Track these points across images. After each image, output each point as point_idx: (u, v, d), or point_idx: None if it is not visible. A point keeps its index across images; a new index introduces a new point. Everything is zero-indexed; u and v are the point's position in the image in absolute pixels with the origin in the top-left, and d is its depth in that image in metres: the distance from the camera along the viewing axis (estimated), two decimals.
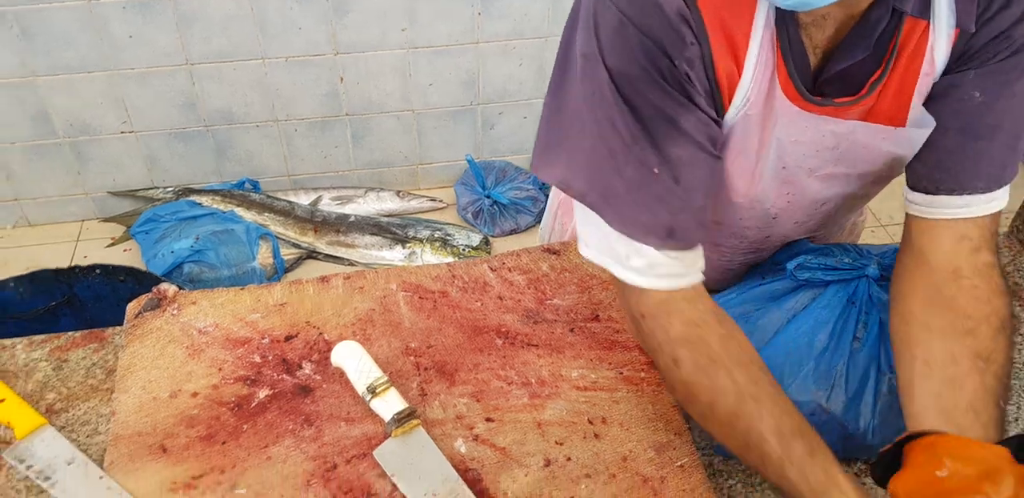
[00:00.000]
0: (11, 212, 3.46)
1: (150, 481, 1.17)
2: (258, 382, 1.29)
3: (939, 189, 1.15)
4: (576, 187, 1.14)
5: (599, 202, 1.13)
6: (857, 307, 1.23)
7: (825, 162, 1.21)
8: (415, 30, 3.18)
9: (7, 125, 3.19)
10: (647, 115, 1.08)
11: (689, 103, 1.08)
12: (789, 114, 1.13)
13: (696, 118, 1.09)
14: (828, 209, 1.33)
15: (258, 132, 3.38)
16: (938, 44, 1.11)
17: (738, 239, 1.39)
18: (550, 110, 1.17)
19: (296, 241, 3.37)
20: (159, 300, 1.41)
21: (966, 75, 1.12)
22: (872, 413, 1.18)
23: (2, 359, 1.38)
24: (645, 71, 1.06)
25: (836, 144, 1.18)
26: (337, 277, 1.46)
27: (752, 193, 1.25)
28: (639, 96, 1.07)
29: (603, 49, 1.07)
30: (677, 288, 1.14)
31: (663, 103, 1.07)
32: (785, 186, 1.25)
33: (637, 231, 1.12)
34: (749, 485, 1.23)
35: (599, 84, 1.08)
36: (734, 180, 1.22)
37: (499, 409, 1.26)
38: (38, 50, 3.01)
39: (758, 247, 1.42)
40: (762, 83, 1.11)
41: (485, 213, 3.45)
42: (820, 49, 1.12)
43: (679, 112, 1.08)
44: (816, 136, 1.17)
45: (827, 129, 1.16)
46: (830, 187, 1.27)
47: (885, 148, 1.19)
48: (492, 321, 1.39)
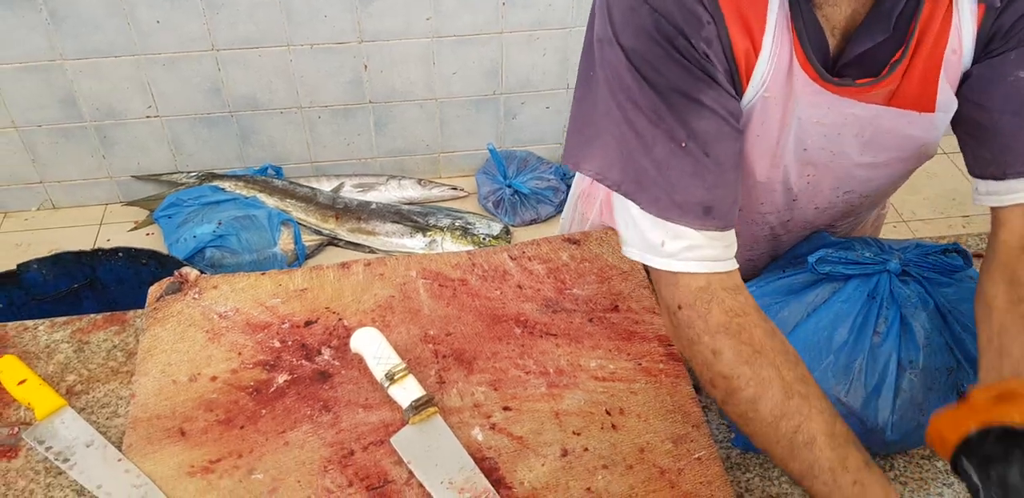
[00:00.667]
0: (36, 195, 3.48)
1: (168, 464, 1.17)
2: (277, 367, 1.30)
3: (1007, 173, 1.14)
4: (611, 177, 1.15)
5: (634, 189, 1.13)
6: (878, 302, 1.22)
7: (850, 148, 1.21)
8: (439, 19, 3.18)
9: (34, 108, 3.21)
10: (667, 92, 1.08)
11: (710, 80, 1.08)
12: (809, 93, 1.13)
13: (717, 94, 1.09)
14: (851, 198, 1.32)
15: (282, 118, 3.39)
16: (964, 23, 1.11)
17: (758, 226, 1.38)
18: (578, 104, 1.17)
19: (317, 227, 3.38)
20: (181, 284, 1.41)
21: (1006, 57, 1.11)
22: (891, 408, 1.17)
23: (24, 340, 1.39)
24: (662, 48, 1.06)
25: (860, 130, 1.18)
26: (358, 263, 1.46)
27: (773, 174, 1.25)
28: (657, 73, 1.07)
29: (617, 30, 1.07)
30: (715, 272, 1.13)
31: (682, 80, 1.07)
32: (807, 167, 1.25)
33: (673, 212, 1.12)
34: (766, 479, 1.22)
35: (616, 67, 1.09)
36: (755, 161, 1.22)
37: (517, 398, 1.26)
38: (66, 34, 3.03)
39: (777, 234, 1.41)
40: (780, 63, 1.11)
41: (506, 202, 3.45)
42: (839, 30, 1.11)
43: (700, 88, 1.08)
44: (838, 118, 1.16)
45: (849, 112, 1.16)
46: (853, 174, 1.26)
47: (912, 133, 1.18)
48: (511, 310, 1.39)
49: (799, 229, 1.40)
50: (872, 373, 1.18)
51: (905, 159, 1.25)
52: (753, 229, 1.39)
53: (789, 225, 1.39)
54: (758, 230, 1.39)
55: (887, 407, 1.18)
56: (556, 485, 1.15)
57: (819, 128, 1.18)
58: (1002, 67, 1.11)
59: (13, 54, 3.06)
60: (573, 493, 1.14)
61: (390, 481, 1.15)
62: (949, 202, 3.46)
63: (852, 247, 1.30)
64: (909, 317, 1.21)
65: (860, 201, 1.35)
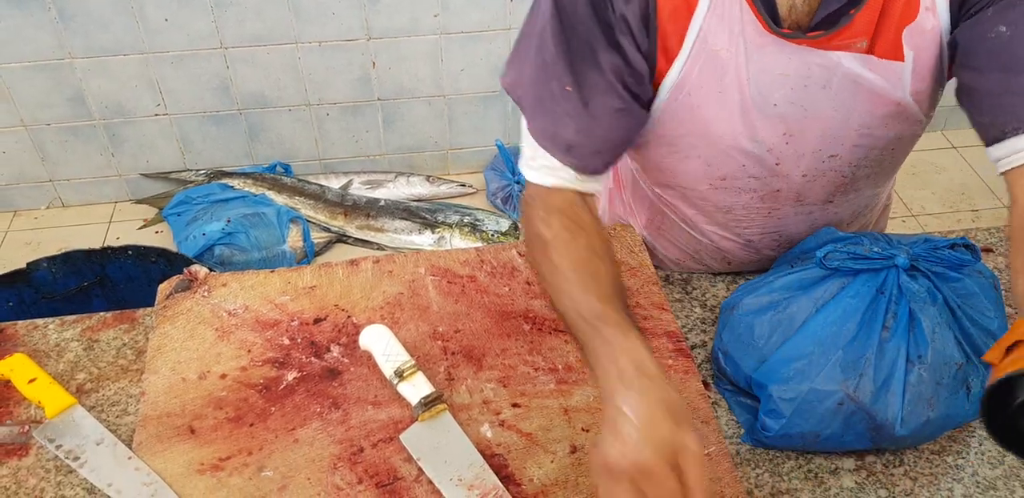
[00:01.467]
0: (45, 193, 3.49)
1: (178, 462, 1.18)
2: (286, 364, 1.30)
3: (1005, 133, 1.12)
4: (517, 92, 1.26)
5: (529, 106, 1.25)
6: (886, 297, 1.22)
7: (821, 102, 1.22)
8: (447, 16, 3.17)
9: (43, 106, 3.22)
10: (574, 38, 1.18)
11: (615, 43, 1.18)
12: (764, 44, 1.17)
13: (613, 57, 1.18)
14: (839, 166, 1.32)
15: (290, 116, 3.39)
16: None
17: (747, 195, 1.38)
18: (525, 21, 1.25)
19: (326, 225, 3.38)
20: (190, 282, 1.42)
21: (984, 15, 1.11)
22: (900, 403, 1.17)
23: (34, 339, 1.40)
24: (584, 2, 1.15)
25: (826, 82, 1.20)
26: (366, 261, 1.46)
27: (747, 132, 1.26)
28: (571, 19, 1.17)
29: None
30: (572, 188, 1.25)
31: (589, 34, 1.17)
32: (781, 124, 1.26)
33: (545, 139, 1.23)
34: (776, 475, 1.22)
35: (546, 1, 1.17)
36: (726, 118, 1.25)
37: (526, 395, 1.26)
38: (75, 32, 3.03)
39: (772, 208, 1.40)
40: (728, 16, 1.16)
41: (515, 199, 3.45)
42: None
43: (601, 47, 1.18)
44: (802, 69, 1.19)
45: (812, 61, 1.18)
46: (833, 135, 1.27)
47: (879, 85, 1.20)
48: (520, 306, 1.39)
49: (792, 203, 1.39)
50: (881, 368, 1.18)
51: (883, 120, 1.25)
52: (743, 199, 1.38)
53: (780, 198, 1.38)
54: (749, 200, 1.38)
55: (896, 402, 1.17)
56: (565, 481, 1.15)
57: (783, 80, 1.20)
58: (981, 26, 1.11)
59: (22, 53, 3.07)
60: (582, 489, 1.14)
61: (399, 478, 1.15)
62: (958, 196, 3.44)
63: (860, 242, 1.29)
64: (918, 312, 1.20)
65: (851, 172, 1.34)
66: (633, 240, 1.50)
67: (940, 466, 1.24)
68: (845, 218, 1.48)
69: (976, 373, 1.21)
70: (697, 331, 1.42)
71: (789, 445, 1.23)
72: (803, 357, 1.19)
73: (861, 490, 1.20)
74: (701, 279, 1.52)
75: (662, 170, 1.40)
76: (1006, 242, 1.59)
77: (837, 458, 1.24)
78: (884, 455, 1.25)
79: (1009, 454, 1.23)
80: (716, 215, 1.43)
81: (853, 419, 1.17)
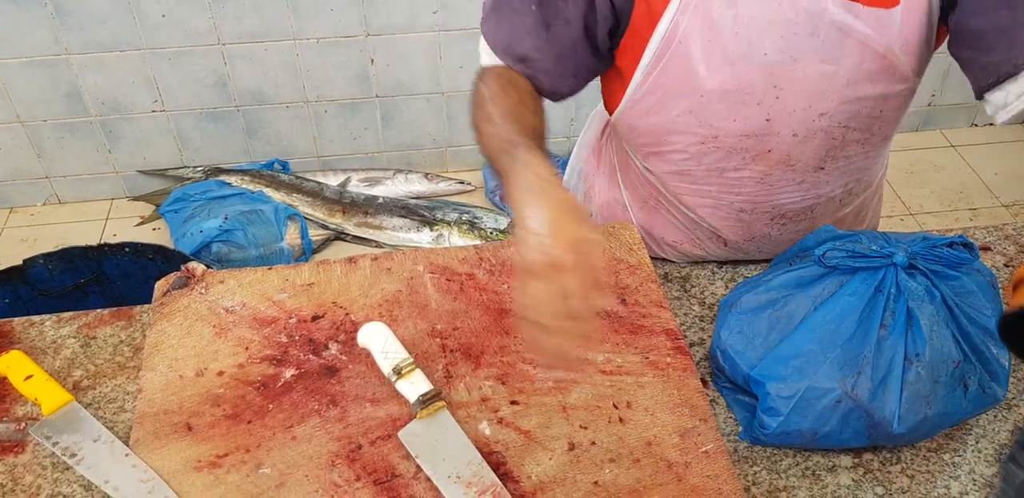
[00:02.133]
0: (42, 190, 3.49)
1: (175, 459, 1.17)
2: (284, 362, 1.30)
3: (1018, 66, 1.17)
4: None
5: (491, 11, 1.35)
6: (884, 295, 1.22)
7: (809, 52, 1.25)
8: (446, 13, 3.17)
9: (40, 103, 3.21)
10: None
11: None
12: None
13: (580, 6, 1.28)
14: (830, 127, 1.34)
15: (288, 113, 3.39)
16: None
17: (739, 156, 1.38)
18: None
19: (324, 222, 3.38)
20: (187, 279, 1.42)
21: None
22: (898, 401, 1.17)
23: (31, 336, 1.39)
24: None
25: (814, 29, 1.23)
26: (365, 258, 1.46)
27: (738, 82, 1.29)
28: None
29: None
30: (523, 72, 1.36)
31: None
32: (771, 77, 1.28)
33: (499, 46, 1.35)
34: (773, 472, 1.22)
35: None
36: (717, 68, 1.28)
37: (524, 392, 1.26)
38: (72, 28, 3.03)
39: (764, 173, 1.41)
40: None
41: None
42: None
43: None
44: (790, 14, 1.22)
45: (800, 6, 1.21)
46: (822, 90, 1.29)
47: (868, 34, 1.23)
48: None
49: (783, 167, 1.40)
50: (879, 366, 1.18)
51: (870, 75, 1.27)
52: (734, 161, 1.39)
53: (771, 160, 1.38)
54: (739, 162, 1.39)
55: (894, 400, 1.17)
56: (563, 479, 1.15)
57: (772, 28, 1.23)
58: None
59: (18, 49, 3.06)
60: (580, 487, 1.14)
61: (398, 475, 1.15)
62: (956, 195, 3.44)
63: (859, 240, 1.29)
64: (916, 310, 1.20)
65: (841, 134, 1.36)
66: (632, 238, 1.50)
67: (937, 464, 1.24)
68: (838, 193, 1.48)
69: (974, 371, 1.21)
70: (695, 329, 1.42)
71: (787, 443, 1.23)
72: (801, 355, 1.20)
73: (858, 487, 1.20)
74: (700, 277, 1.52)
75: (654, 134, 1.41)
76: (1003, 240, 1.60)
77: (835, 455, 1.24)
78: (881, 453, 1.25)
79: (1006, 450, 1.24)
80: (708, 181, 1.44)
81: (851, 417, 1.17)
